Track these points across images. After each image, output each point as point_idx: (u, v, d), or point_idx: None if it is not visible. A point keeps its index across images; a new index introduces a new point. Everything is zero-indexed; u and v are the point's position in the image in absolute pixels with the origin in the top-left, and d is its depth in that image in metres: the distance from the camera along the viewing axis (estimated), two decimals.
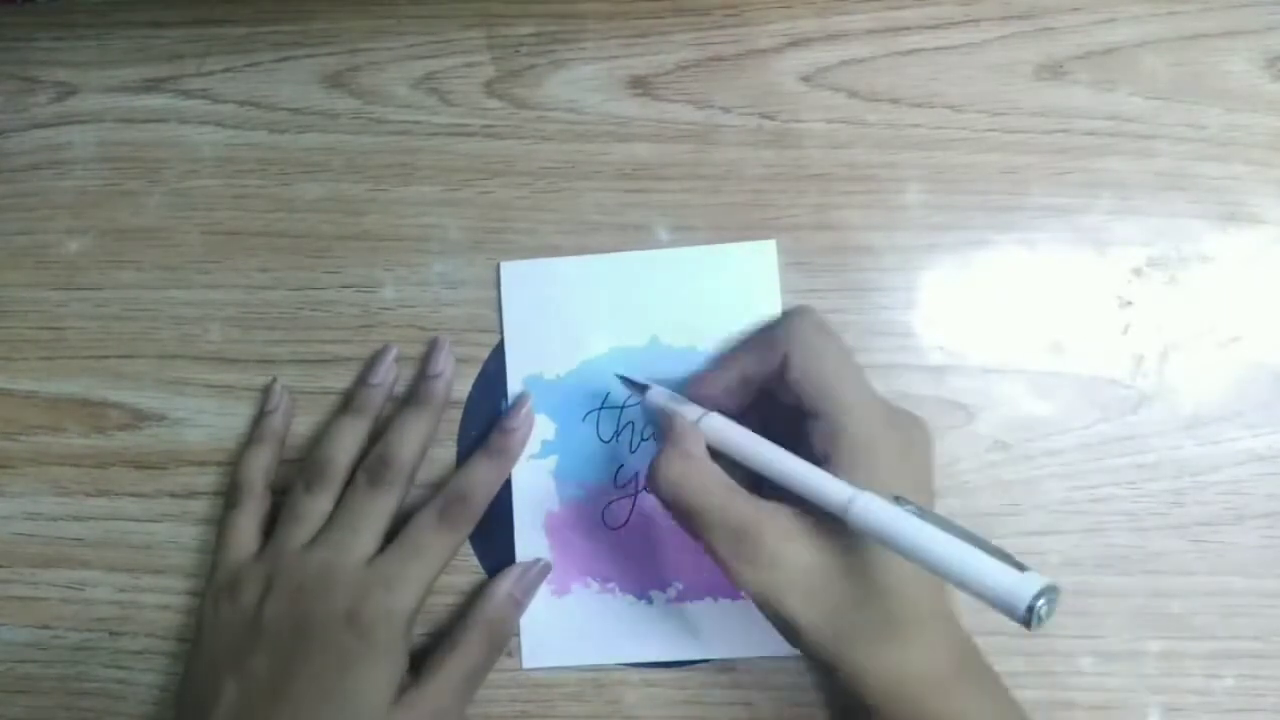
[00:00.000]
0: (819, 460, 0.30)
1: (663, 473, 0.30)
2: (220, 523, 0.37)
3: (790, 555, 0.29)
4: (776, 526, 0.29)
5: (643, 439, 0.38)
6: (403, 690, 0.34)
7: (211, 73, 0.41)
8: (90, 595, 0.39)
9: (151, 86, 0.41)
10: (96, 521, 0.39)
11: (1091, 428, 0.37)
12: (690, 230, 0.39)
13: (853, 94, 0.39)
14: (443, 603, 0.37)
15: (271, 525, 0.37)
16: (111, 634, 0.38)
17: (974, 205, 0.38)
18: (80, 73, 0.41)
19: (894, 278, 0.38)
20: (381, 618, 0.33)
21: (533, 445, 0.38)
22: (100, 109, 0.41)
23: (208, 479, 0.39)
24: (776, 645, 0.35)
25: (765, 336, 0.34)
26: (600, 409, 0.38)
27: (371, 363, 0.38)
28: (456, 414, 0.38)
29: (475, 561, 0.37)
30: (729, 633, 0.36)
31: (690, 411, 0.33)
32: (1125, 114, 0.38)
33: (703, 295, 0.38)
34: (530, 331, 0.38)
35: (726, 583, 0.35)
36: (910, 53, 0.39)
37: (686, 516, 0.30)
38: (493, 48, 0.40)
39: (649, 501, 0.37)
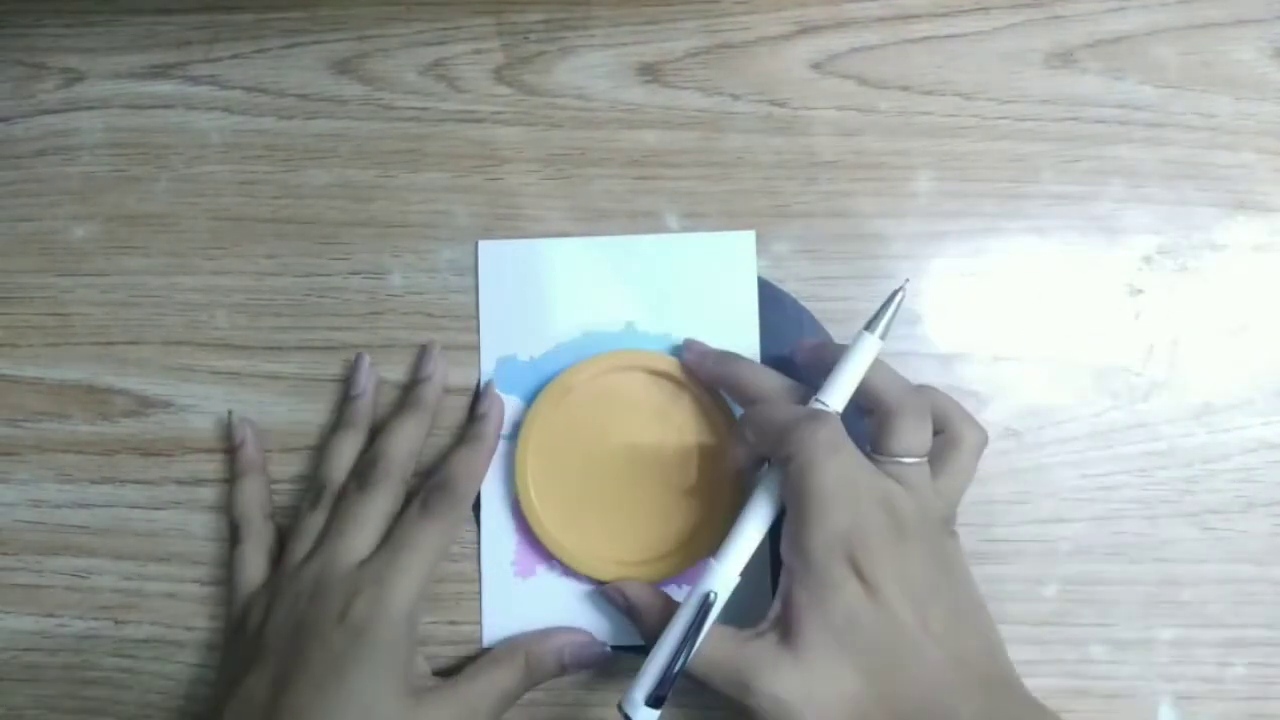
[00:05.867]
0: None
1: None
2: (228, 564, 0.37)
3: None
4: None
5: None
6: (425, 690, 0.33)
7: (219, 59, 0.40)
8: (95, 583, 0.38)
9: (159, 73, 0.40)
10: (101, 509, 0.39)
11: (1102, 415, 0.37)
12: (700, 217, 0.38)
13: (863, 81, 0.39)
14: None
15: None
16: (116, 622, 0.38)
17: (984, 193, 0.38)
18: (87, 59, 0.41)
19: (904, 265, 0.38)
20: (373, 615, 0.32)
21: (504, 426, 0.38)
22: (107, 95, 0.40)
23: (214, 466, 0.38)
24: None
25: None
26: None
27: (350, 375, 0.38)
28: (467, 402, 0.38)
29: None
30: None
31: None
32: (1135, 102, 0.38)
33: (680, 283, 0.38)
34: (506, 312, 0.38)
35: (692, 573, 0.36)
36: (920, 40, 0.39)
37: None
38: (501, 34, 0.40)
39: None
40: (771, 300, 0.38)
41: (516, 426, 0.37)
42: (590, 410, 0.37)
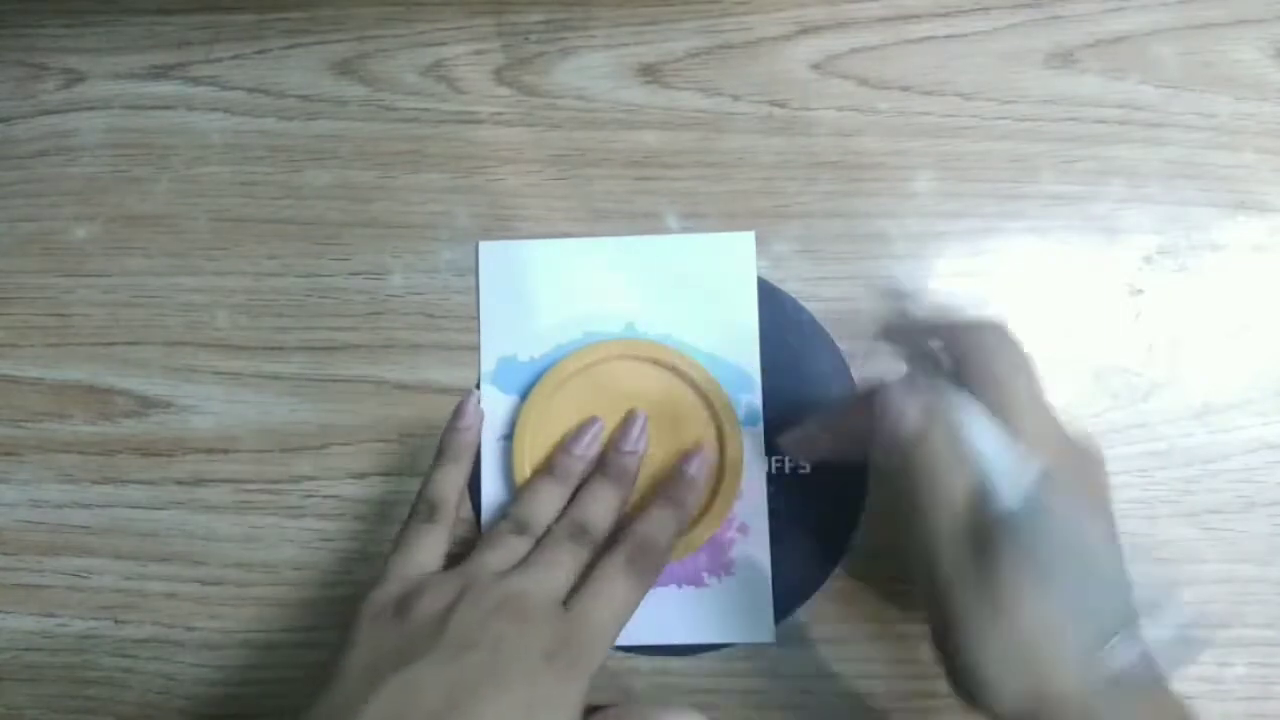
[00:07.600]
0: None
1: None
2: (403, 532, 0.34)
3: None
4: None
5: None
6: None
7: (220, 60, 0.40)
8: (95, 583, 0.38)
9: (160, 73, 0.41)
10: (102, 509, 0.39)
11: (1102, 415, 0.37)
12: (700, 218, 0.38)
13: (863, 82, 0.39)
14: None
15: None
16: (116, 622, 0.38)
17: (984, 193, 0.38)
18: (88, 60, 0.41)
19: (905, 265, 0.38)
20: (580, 667, 0.31)
21: (503, 426, 0.38)
22: (108, 96, 0.41)
23: (215, 466, 0.38)
24: (732, 633, 0.37)
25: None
26: None
27: (577, 434, 0.37)
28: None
29: None
30: (691, 619, 0.37)
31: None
32: (1135, 102, 0.38)
33: (681, 284, 0.38)
34: (506, 312, 0.38)
35: (690, 571, 0.37)
36: (920, 41, 0.39)
37: None
38: (502, 35, 0.40)
39: None
40: (771, 300, 0.38)
41: (515, 426, 0.37)
42: (588, 397, 0.37)
